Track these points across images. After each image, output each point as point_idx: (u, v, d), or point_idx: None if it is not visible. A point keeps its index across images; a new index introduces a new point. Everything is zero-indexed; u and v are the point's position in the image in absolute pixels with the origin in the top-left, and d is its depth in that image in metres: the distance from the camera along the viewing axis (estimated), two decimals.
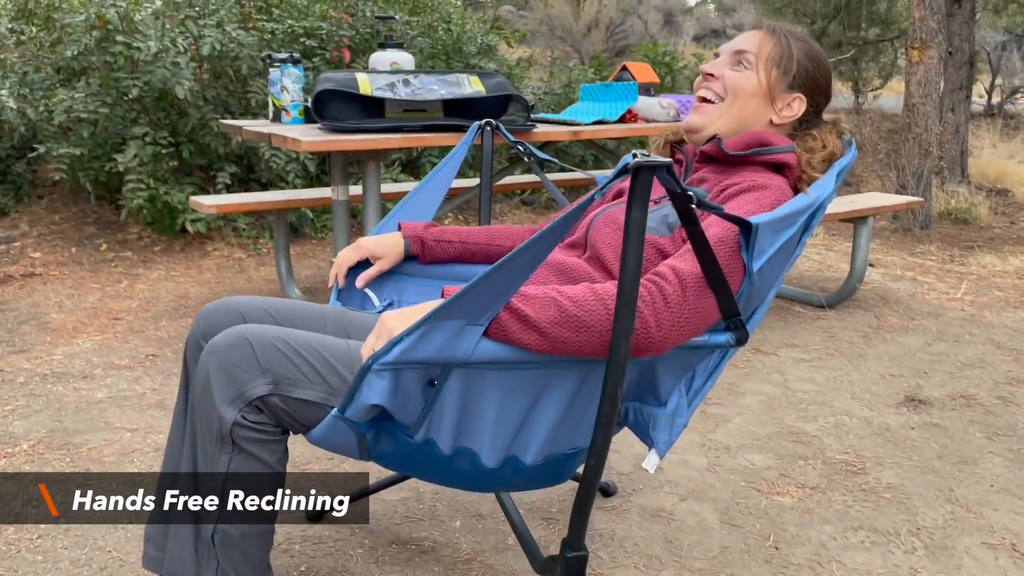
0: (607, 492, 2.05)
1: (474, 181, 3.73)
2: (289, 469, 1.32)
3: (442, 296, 1.13)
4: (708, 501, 2.04)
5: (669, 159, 1.00)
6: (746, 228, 1.18)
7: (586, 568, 1.25)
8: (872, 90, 10.98)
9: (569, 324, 1.12)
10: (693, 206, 1.07)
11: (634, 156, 0.99)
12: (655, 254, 1.31)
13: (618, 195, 1.54)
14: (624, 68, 3.44)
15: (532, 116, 2.93)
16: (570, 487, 2.08)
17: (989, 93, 11.69)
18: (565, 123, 3.08)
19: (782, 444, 2.35)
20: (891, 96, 10.76)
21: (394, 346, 1.07)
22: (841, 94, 11.58)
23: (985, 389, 2.76)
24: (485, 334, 1.11)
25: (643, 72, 3.44)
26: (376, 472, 2.18)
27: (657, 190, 1.48)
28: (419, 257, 1.62)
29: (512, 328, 1.11)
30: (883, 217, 6.64)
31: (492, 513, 1.95)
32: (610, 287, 1.15)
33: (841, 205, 3.50)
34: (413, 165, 5.23)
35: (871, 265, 4.51)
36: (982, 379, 2.85)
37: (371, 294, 1.61)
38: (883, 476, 2.17)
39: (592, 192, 1.03)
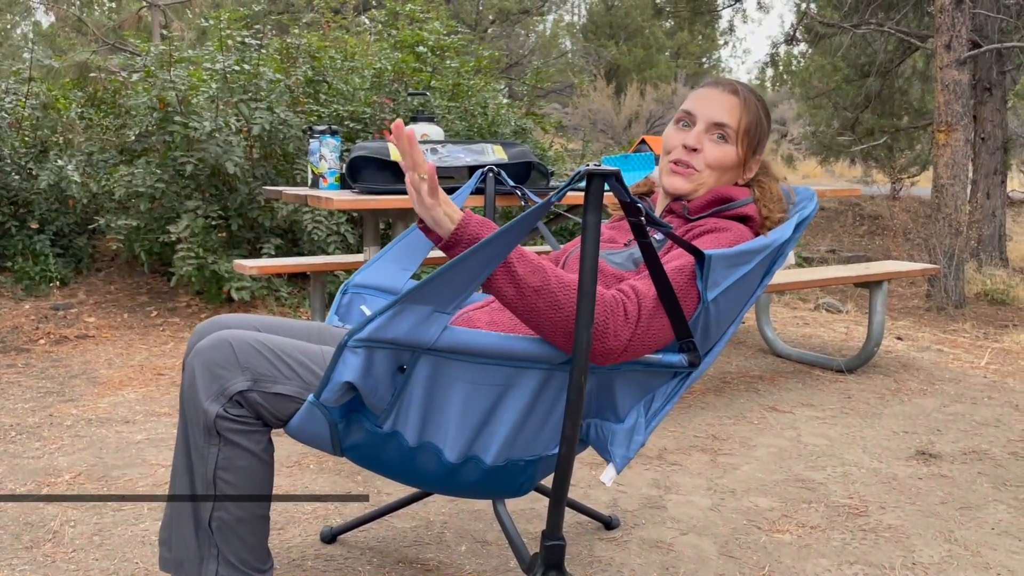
0: (610, 525, 2.12)
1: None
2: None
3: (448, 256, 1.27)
4: (708, 536, 2.10)
5: (617, 168, 1.15)
6: (700, 259, 1.31)
7: (564, 557, 1.35)
8: (909, 177, 11.08)
9: (546, 297, 1.25)
10: (642, 219, 1.22)
11: (587, 165, 1.14)
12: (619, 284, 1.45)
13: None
14: (643, 141, 3.63)
15: (551, 184, 3.11)
16: (573, 519, 2.16)
17: None
18: (580, 189, 3.25)
19: (788, 489, 2.40)
20: (929, 186, 10.84)
21: (367, 324, 1.21)
22: (877, 182, 11.68)
23: (998, 446, 2.78)
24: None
25: (660, 145, 3.63)
26: (380, 497, 2.29)
27: (627, 233, 1.62)
28: None
29: (498, 275, 1.24)
30: (917, 296, 6.66)
31: (497, 541, 2.04)
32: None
33: (856, 270, 3.59)
34: None
35: (899, 339, 4.54)
36: (996, 437, 2.87)
37: (368, 312, 1.76)
38: (884, 518, 2.21)
39: (550, 196, 1.17)
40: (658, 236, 1.48)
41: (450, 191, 2.88)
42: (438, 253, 3.92)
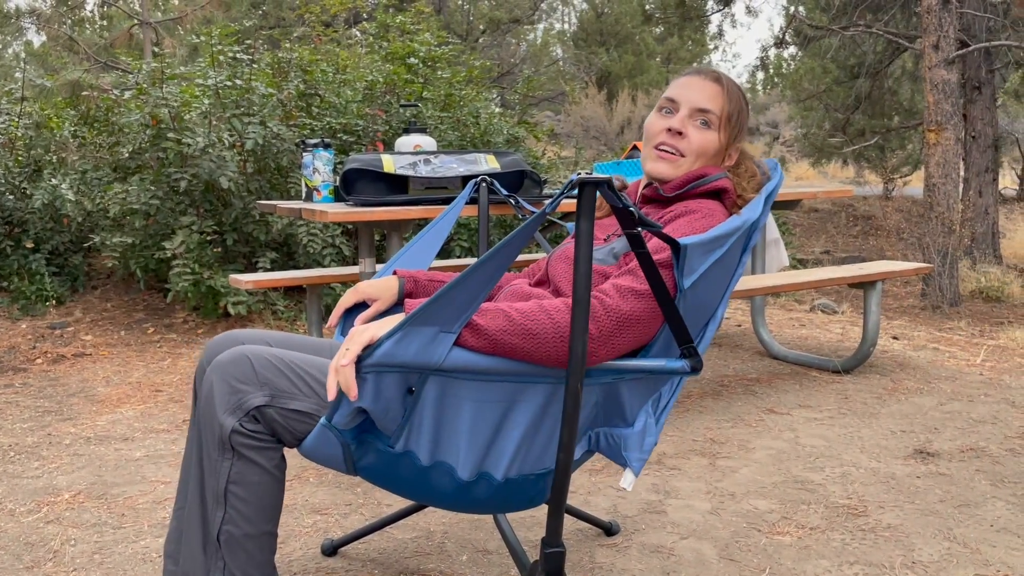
0: (610, 531, 2.12)
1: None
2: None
3: (404, 312, 1.29)
4: (708, 540, 2.10)
5: (610, 176, 1.16)
6: (676, 248, 1.32)
7: (564, 564, 1.35)
8: (901, 177, 11.12)
9: (516, 332, 1.26)
10: (638, 229, 1.22)
11: (578, 174, 1.15)
12: (601, 280, 1.46)
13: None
14: (635, 147, 3.64)
15: (545, 192, 3.13)
16: (574, 526, 2.17)
17: (1021, 178, 11.76)
18: (574, 197, 3.26)
19: (787, 491, 2.41)
20: (921, 185, 10.89)
21: (375, 350, 1.21)
22: (869, 183, 11.71)
23: (996, 443, 2.79)
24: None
25: None
26: (383, 508, 2.29)
27: (607, 229, 1.64)
28: (412, 295, 1.77)
29: (466, 335, 1.26)
30: (912, 295, 6.68)
31: (498, 549, 2.04)
32: (556, 302, 1.30)
33: (850, 271, 3.60)
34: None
35: (895, 338, 4.56)
36: (993, 434, 2.88)
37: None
38: (883, 518, 2.22)
39: (544, 207, 1.18)
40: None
41: (445, 201, 2.90)
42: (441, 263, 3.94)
